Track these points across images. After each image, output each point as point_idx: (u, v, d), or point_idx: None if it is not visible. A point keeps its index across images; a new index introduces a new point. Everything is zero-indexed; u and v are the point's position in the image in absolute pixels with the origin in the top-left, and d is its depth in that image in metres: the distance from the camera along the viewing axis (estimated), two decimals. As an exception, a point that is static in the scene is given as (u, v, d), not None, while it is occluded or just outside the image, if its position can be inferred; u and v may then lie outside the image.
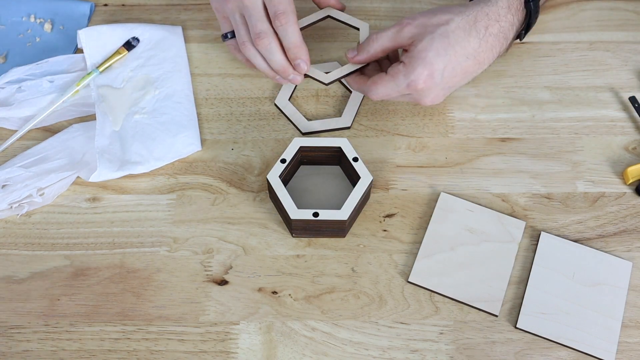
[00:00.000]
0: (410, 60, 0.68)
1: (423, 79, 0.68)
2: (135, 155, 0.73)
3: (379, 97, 0.71)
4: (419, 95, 0.70)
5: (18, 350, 0.64)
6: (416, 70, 0.68)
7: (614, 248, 0.69)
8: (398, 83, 0.69)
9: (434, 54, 0.68)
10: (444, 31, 0.68)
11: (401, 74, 0.69)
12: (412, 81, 0.68)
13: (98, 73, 0.78)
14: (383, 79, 0.70)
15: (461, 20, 0.69)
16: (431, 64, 0.68)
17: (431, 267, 0.67)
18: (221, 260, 0.69)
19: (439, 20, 0.69)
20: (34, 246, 0.70)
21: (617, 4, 0.86)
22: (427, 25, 0.69)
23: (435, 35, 0.68)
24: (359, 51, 0.72)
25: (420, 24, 0.69)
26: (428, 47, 0.68)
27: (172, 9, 0.86)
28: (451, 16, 0.69)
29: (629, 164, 0.74)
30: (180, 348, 0.64)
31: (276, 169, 0.68)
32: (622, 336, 0.64)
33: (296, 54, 0.71)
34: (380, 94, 0.71)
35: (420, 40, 0.68)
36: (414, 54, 0.68)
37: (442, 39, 0.68)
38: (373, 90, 0.71)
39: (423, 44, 0.68)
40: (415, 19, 0.70)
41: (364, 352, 0.64)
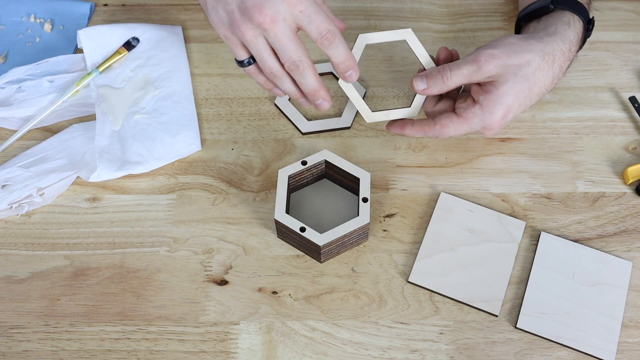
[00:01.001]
0: (489, 105, 0.66)
1: (498, 121, 0.67)
2: (135, 155, 0.73)
3: (448, 136, 0.69)
4: (485, 132, 0.69)
5: (18, 350, 0.64)
6: (494, 115, 0.66)
7: (614, 248, 0.69)
8: (472, 126, 0.67)
9: (512, 99, 0.66)
10: (525, 74, 0.66)
11: (477, 118, 0.67)
12: (487, 125, 0.67)
13: (98, 73, 0.78)
14: (455, 122, 0.67)
15: (542, 61, 0.66)
16: (509, 108, 0.66)
17: (431, 267, 0.67)
18: (221, 260, 0.69)
19: (520, 60, 0.65)
20: (34, 246, 0.70)
21: (617, 4, 0.86)
22: (509, 65, 0.65)
23: (517, 78, 0.65)
24: (428, 84, 0.67)
25: (502, 65, 0.65)
26: (509, 92, 0.65)
27: (172, 9, 0.86)
28: (532, 56, 0.66)
29: (629, 164, 0.74)
30: (180, 348, 0.64)
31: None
32: (622, 336, 0.64)
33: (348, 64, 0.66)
34: (448, 135, 0.69)
35: (501, 83, 0.65)
36: (493, 98, 0.66)
37: (523, 82, 0.66)
38: (442, 133, 0.68)
39: (505, 89, 0.65)
40: (495, 57, 0.65)
41: (364, 352, 0.64)
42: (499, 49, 0.66)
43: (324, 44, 0.64)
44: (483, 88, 0.67)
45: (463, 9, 0.87)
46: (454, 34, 0.84)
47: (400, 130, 0.71)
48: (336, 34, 0.64)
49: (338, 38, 0.64)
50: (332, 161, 0.70)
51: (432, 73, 0.67)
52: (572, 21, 0.70)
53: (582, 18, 0.70)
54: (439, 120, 0.68)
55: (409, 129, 0.70)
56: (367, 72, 0.81)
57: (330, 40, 0.64)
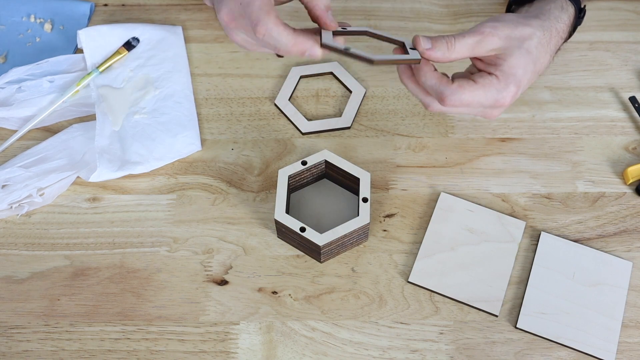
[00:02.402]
0: (504, 75, 0.64)
1: (511, 95, 0.65)
2: (135, 155, 0.73)
3: (454, 105, 0.64)
4: (493, 112, 0.67)
5: (18, 350, 0.64)
6: (509, 87, 0.64)
7: (614, 248, 0.69)
8: (488, 96, 0.64)
9: (522, 71, 0.65)
10: (529, 47, 0.65)
11: (494, 88, 0.64)
12: (502, 97, 0.65)
13: (98, 73, 0.78)
14: (472, 86, 0.64)
15: (542, 36, 0.67)
16: (520, 82, 0.65)
17: (431, 267, 0.67)
18: (221, 260, 0.69)
19: (522, 33, 0.65)
20: (34, 246, 0.70)
21: (617, 4, 0.86)
22: (512, 38, 0.65)
23: (522, 51, 0.65)
24: (433, 45, 0.64)
25: (505, 36, 0.64)
26: (519, 64, 0.64)
27: (172, 9, 0.86)
28: (533, 30, 0.66)
29: (629, 164, 0.74)
30: (180, 348, 0.64)
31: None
32: (622, 336, 0.64)
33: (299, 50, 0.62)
34: (461, 101, 0.64)
35: (509, 55, 0.64)
36: (506, 70, 0.64)
37: (528, 55, 0.65)
38: (456, 94, 0.63)
39: (514, 61, 0.64)
40: (498, 29, 0.64)
41: (364, 352, 0.64)
42: (500, 22, 0.65)
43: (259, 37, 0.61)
44: (491, 62, 0.65)
45: (463, 9, 0.87)
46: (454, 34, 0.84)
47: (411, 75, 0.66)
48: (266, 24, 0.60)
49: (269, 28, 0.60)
50: (332, 161, 0.70)
51: (437, 38, 0.64)
52: (565, 5, 0.71)
53: (574, 4, 0.72)
54: (457, 79, 0.64)
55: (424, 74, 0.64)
56: (367, 72, 0.81)
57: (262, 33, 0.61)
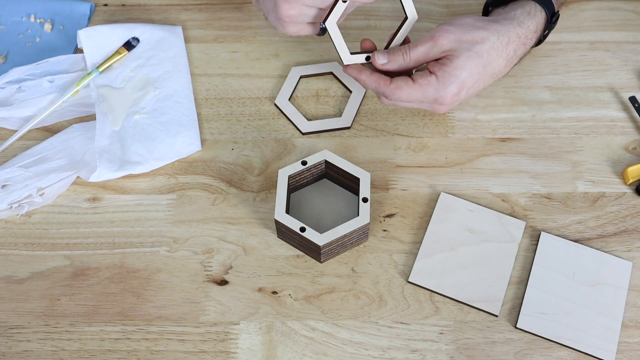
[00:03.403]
0: (444, 75, 0.67)
1: (451, 95, 0.67)
2: (135, 155, 0.73)
3: (396, 101, 0.69)
4: (439, 107, 0.70)
5: (18, 350, 0.64)
6: (448, 87, 0.67)
7: (614, 248, 0.69)
8: (426, 95, 0.68)
9: (467, 73, 0.67)
10: (479, 50, 0.67)
11: (432, 87, 0.67)
12: (440, 96, 0.67)
13: (98, 73, 0.78)
14: (410, 86, 0.68)
15: (496, 40, 0.68)
16: (462, 83, 0.67)
17: (431, 267, 0.67)
18: (221, 260, 0.69)
19: (474, 37, 0.68)
20: (34, 246, 0.70)
21: (617, 4, 0.86)
22: (463, 41, 0.67)
23: (471, 53, 0.67)
24: (390, 59, 0.69)
25: (455, 39, 0.67)
26: (464, 65, 0.67)
27: (172, 9, 0.86)
28: (487, 34, 0.68)
29: (629, 164, 0.74)
30: (180, 348, 0.64)
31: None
32: (622, 336, 0.64)
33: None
34: (400, 99, 0.68)
35: (456, 57, 0.67)
36: (448, 70, 0.67)
37: (477, 58, 0.67)
38: (395, 94, 0.68)
39: (459, 62, 0.67)
40: (450, 32, 0.67)
41: (364, 352, 0.64)
42: (454, 26, 0.68)
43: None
44: (439, 62, 0.68)
45: (463, 9, 0.87)
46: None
47: (357, 74, 0.70)
48: None
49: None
50: (332, 161, 0.70)
51: (394, 50, 0.69)
52: (534, 10, 0.72)
53: (545, 9, 0.73)
54: (395, 80, 0.68)
55: (365, 75, 0.69)
56: (367, 72, 0.81)
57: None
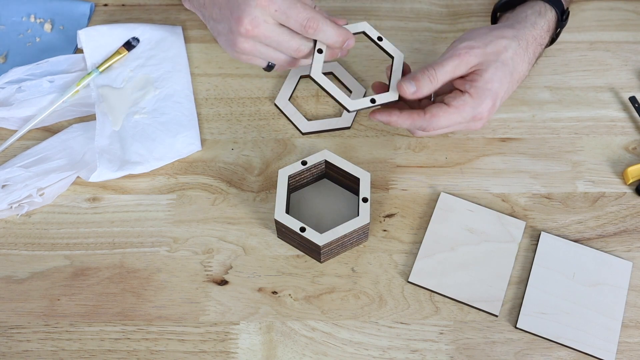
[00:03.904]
0: (477, 92, 0.66)
1: (488, 109, 0.67)
2: (135, 155, 0.73)
3: (437, 129, 0.68)
4: (475, 124, 0.69)
5: (18, 350, 0.64)
6: (484, 102, 0.67)
7: (614, 248, 0.69)
8: (464, 115, 0.67)
9: (498, 84, 0.67)
10: (505, 59, 0.67)
11: (468, 106, 0.66)
12: (478, 113, 0.67)
13: (98, 73, 0.78)
14: (446, 112, 0.67)
15: (517, 46, 0.68)
16: (496, 94, 0.67)
17: (431, 267, 0.67)
18: (221, 260, 0.69)
19: (497, 47, 0.67)
20: (34, 246, 0.70)
21: (617, 4, 0.86)
22: (488, 53, 0.67)
23: (498, 64, 0.67)
24: (417, 86, 0.67)
25: (481, 53, 0.67)
26: (494, 77, 0.67)
27: (172, 9, 0.86)
28: (508, 42, 0.68)
29: (629, 164, 0.74)
30: (180, 348, 0.64)
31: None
32: (622, 336, 0.64)
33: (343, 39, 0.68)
34: (439, 127, 0.67)
35: (485, 70, 0.67)
36: (480, 85, 0.66)
37: (504, 67, 0.67)
38: (432, 124, 0.67)
39: (489, 75, 0.66)
40: (473, 47, 0.67)
41: (364, 352, 0.64)
42: (475, 39, 0.68)
43: (309, 32, 0.66)
44: (467, 78, 0.68)
45: (463, 9, 0.87)
46: (454, 34, 0.84)
47: (387, 118, 0.68)
48: (318, 19, 0.66)
49: (321, 22, 0.66)
50: (332, 161, 0.70)
51: (418, 75, 0.67)
52: (544, 10, 0.72)
53: (555, 8, 0.73)
54: (429, 109, 0.67)
55: (396, 116, 0.68)
56: (367, 72, 0.81)
57: (314, 27, 0.66)
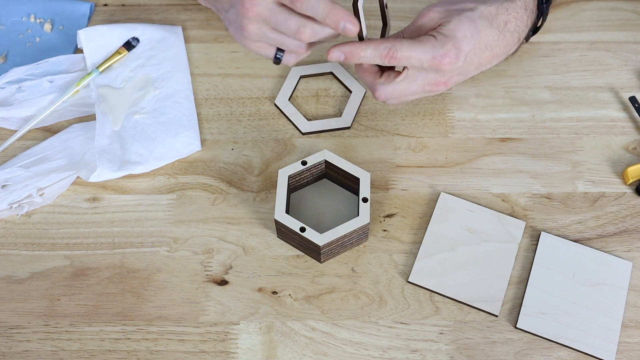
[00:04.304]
0: (441, 37, 0.65)
1: (450, 57, 0.65)
2: (135, 155, 0.73)
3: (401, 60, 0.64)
4: (437, 79, 0.67)
5: (18, 350, 0.64)
6: (446, 46, 0.65)
7: (614, 248, 0.69)
8: (425, 52, 0.65)
9: (462, 35, 0.66)
10: (471, 16, 0.67)
11: (429, 45, 0.65)
12: (439, 55, 0.65)
13: (98, 73, 0.78)
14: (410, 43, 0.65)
15: (485, 9, 0.68)
16: (460, 44, 0.66)
17: (431, 267, 0.67)
18: (221, 260, 0.69)
19: (463, 6, 0.68)
20: (34, 246, 0.70)
21: (617, 4, 0.86)
22: (451, 10, 0.67)
23: (462, 17, 0.66)
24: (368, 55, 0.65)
25: (443, 10, 0.67)
26: (458, 27, 0.66)
27: (172, 9, 0.86)
28: (474, 4, 0.68)
29: (629, 164, 0.74)
30: (180, 348, 0.64)
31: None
32: (622, 336, 0.64)
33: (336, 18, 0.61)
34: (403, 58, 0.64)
35: (448, 21, 0.66)
36: (444, 32, 0.66)
37: (469, 22, 0.67)
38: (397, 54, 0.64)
39: (453, 25, 0.66)
40: (436, 6, 0.68)
41: (364, 352, 0.64)
42: (439, 4, 0.68)
43: (297, 6, 0.61)
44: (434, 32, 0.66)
45: (463, 9, 0.87)
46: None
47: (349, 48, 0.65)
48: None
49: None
50: (332, 161, 0.70)
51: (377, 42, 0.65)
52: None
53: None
54: (391, 38, 0.66)
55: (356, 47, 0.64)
56: (367, 72, 0.81)
57: (302, 1, 0.61)
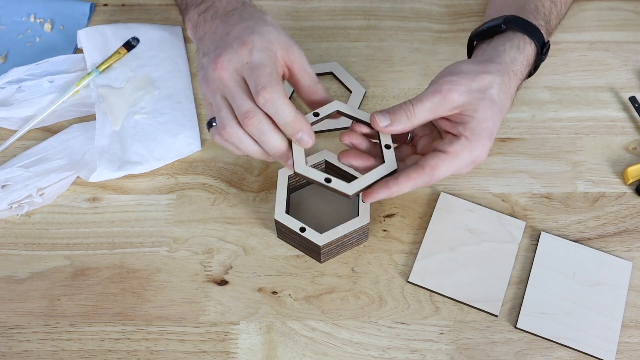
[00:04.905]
0: (473, 134, 0.62)
1: (487, 150, 0.63)
2: (135, 155, 0.73)
3: (439, 179, 0.62)
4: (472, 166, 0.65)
5: (18, 350, 0.64)
6: (481, 143, 0.62)
7: (614, 248, 0.69)
8: (463, 160, 0.62)
9: (492, 123, 0.62)
10: (492, 96, 0.63)
11: (467, 150, 0.62)
12: (477, 156, 0.63)
13: (98, 73, 0.78)
14: (445, 160, 0.61)
15: (501, 82, 0.64)
16: (492, 133, 0.63)
17: (431, 267, 0.67)
18: (221, 260, 0.69)
19: (482, 84, 0.62)
20: (34, 246, 0.70)
21: (617, 4, 0.86)
22: (473, 90, 0.62)
23: (487, 101, 0.62)
24: (392, 120, 0.61)
25: (466, 91, 0.62)
26: (485, 117, 0.62)
27: (172, 9, 0.86)
28: (492, 77, 0.63)
29: (629, 164, 0.74)
30: (180, 348, 0.64)
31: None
32: (622, 336, 0.64)
33: (294, 128, 0.60)
34: (442, 177, 0.62)
35: (475, 110, 0.62)
36: (474, 126, 0.62)
37: (493, 105, 0.63)
38: (435, 176, 0.61)
39: (481, 115, 0.62)
40: (456, 83, 0.62)
41: (364, 352, 0.64)
42: (457, 75, 0.62)
43: (260, 101, 0.59)
44: (457, 120, 0.63)
45: (463, 9, 0.87)
46: (453, 34, 0.84)
47: (387, 192, 0.61)
48: (275, 91, 0.58)
49: (277, 95, 0.58)
50: (332, 161, 0.70)
51: (395, 109, 0.62)
52: (523, 44, 0.67)
53: (535, 41, 0.68)
54: (426, 162, 0.61)
55: (395, 186, 0.61)
56: (367, 72, 0.81)
57: (266, 97, 0.58)
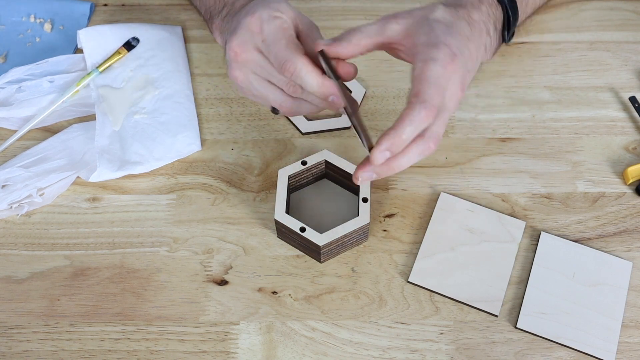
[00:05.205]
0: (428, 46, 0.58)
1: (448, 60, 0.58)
2: (135, 155, 0.73)
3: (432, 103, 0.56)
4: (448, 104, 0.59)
5: (18, 350, 0.64)
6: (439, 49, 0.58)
7: (614, 248, 0.69)
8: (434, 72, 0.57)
9: (442, 37, 0.59)
10: (436, 17, 0.61)
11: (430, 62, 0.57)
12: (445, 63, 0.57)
13: (98, 73, 0.78)
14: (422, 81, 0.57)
15: (444, 7, 0.62)
16: (448, 44, 0.58)
17: (431, 267, 0.67)
18: (221, 260, 0.69)
19: (423, 11, 0.62)
20: (34, 246, 0.70)
21: (617, 4, 0.86)
22: (415, 15, 0.61)
23: (430, 20, 0.60)
24: (338, 40, 0.60)
25: (406, 15, 0.61)
26: (434, 29, 0.59)
27: (172, 9, 0.86)
28: (432, 7, 0.62)
29: (629, 164, 0.74)
30: (180, 348, 0.64)
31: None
32: (622, 336, 0.64)
33: (324, 93, 0.60)
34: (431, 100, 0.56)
35: (419, 27, 0.60)
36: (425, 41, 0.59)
37: (439, 23, 0.60)
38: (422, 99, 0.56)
39: (425, 29, 0.59)
40: (397, 14, 0.61)
41: (364, 352, 0.64)
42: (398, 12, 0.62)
43: (286, 75, 0.61)
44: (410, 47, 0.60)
45: (463, 8, 0.87)
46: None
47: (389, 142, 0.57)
48: (296, 63, 0.59)
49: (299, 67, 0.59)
50: (332, 161, 0.70)
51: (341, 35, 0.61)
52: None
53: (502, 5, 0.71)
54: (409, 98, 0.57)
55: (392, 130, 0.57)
56: (367, 72, 0.81)
57: (290, 71, 0.60)
